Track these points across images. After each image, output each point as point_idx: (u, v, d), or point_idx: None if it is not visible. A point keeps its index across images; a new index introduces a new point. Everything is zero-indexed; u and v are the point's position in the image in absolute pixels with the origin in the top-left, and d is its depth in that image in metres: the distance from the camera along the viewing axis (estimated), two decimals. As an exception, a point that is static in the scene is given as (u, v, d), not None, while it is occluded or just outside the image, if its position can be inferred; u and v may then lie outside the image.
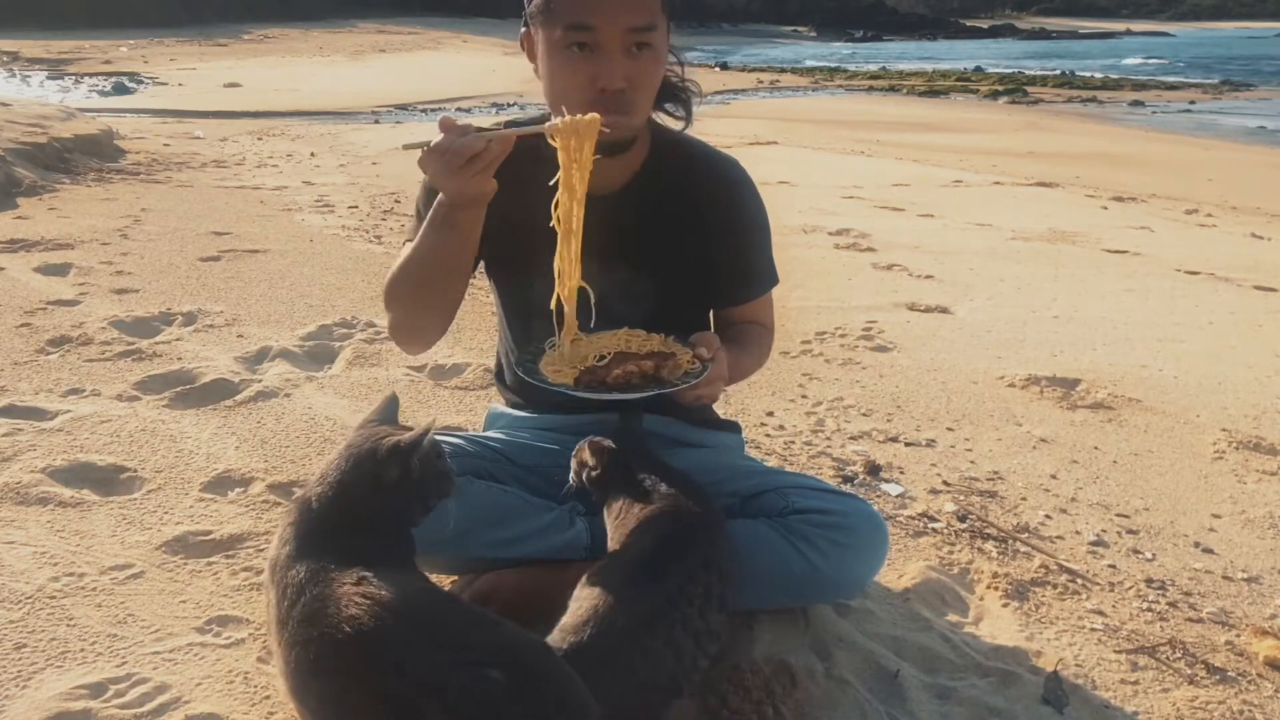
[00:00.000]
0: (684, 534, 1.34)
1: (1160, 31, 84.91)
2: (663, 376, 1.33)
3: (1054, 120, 14.45)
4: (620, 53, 1.34)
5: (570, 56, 1.35)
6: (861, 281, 4.21)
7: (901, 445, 2.47)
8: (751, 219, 1.59)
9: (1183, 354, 3.33)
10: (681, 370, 1.35)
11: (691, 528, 1.35)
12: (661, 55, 1.40)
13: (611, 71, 1.34)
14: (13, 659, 1.42)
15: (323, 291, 3.61)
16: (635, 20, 1.34)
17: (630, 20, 1.33)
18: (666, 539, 1.32)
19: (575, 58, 1.35)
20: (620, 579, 1.28)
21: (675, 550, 1.31)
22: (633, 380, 1.33)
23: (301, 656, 1.07)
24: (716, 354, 1.37)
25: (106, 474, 2.05)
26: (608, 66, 1.34)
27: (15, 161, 5.58)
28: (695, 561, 1.30)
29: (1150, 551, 1.99)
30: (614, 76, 1.34)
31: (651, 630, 1.22)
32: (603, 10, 1.32)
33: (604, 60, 1.34)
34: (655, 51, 1.38)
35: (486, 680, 0.99)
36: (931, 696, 1.45)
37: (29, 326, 3.02)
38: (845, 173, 7.75)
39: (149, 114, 11.05)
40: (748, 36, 58.28)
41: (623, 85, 1.35)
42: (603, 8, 1.32)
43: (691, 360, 1.37)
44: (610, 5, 1.32)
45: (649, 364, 1.34)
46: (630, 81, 1.36)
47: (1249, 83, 23.34)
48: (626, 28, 1.33)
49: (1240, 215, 6.47)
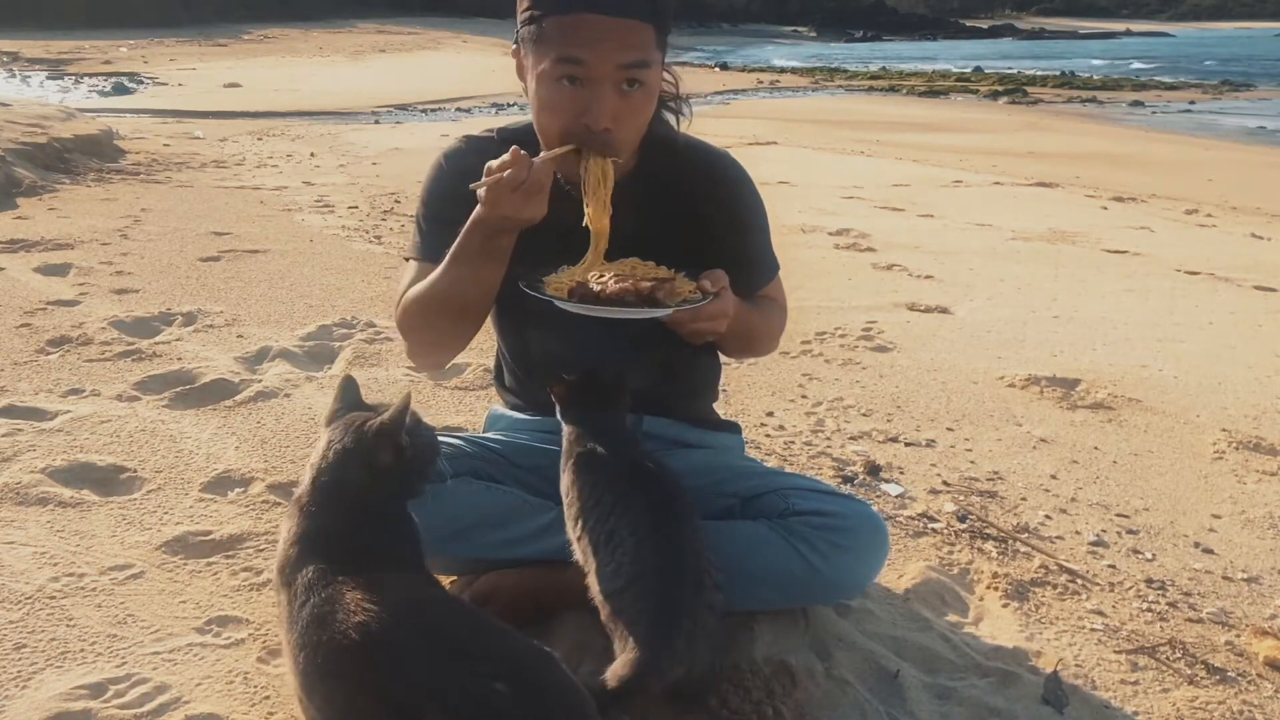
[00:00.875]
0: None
1: (1160, 31, 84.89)
2: (659, 299, 1.30)
3: (1054, 120, 14.45)
4: (611, 89, 1.31)
5: (560, 88, 1.32)
6: (861, 281, 4.22)
7: (901, 445, 2.47)
8: (751, 215, 1.59)
9: (1183, 354, 3.33)
10: (679, 298, 1.32)
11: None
12: (653, 92, 1.37)
13: (600, 109, 1.31)
14: (13, 659, 1.42)
15: (323, 291, 3.61)
16: (628, 57, 1.30)
17: (623, 57, 1.30)
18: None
19: (565, 90, 1.32)
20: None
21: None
22: (626, 299, 1.29)
23: (310, 659, 1.09)
24: (723, 290, 1.35)
25: (106, 474, 2.05)
26: (597, 104, 1.31)
27: (15, 161, 5.58)
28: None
29: (1150, 551, 1.99)
30: (601, 115, 1.32)
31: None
32: (595, 45, 1.29)
33: (593, 96, 1.31)
34: (647, 89, 1.35)
35: (491, 691, 1.00)
36: (931, 696, 1.45)
37: (29, 326, 3.02)
38: (845, 173, 7.76)
39: (149, 114, 11.05)
40: (748, 36, 58.27)
41: (609, 125, 1.33)
42: (595, 42, 1.29)
43: (693, 290, 1.34)
44: (603, 40, 1.28)
45: (647, 285, 1.30)
46: (618, 121, 1.33)
47: (1249, 83, 23.34)
48: (618, 64, 1.30)
49: (1240, 215, 6.47)
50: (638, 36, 1.31)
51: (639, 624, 1.24)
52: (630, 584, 1.27)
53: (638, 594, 1.26)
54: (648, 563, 1.27)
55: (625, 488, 1.35)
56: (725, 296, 1.35)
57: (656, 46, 1.35)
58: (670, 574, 1.27)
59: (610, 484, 1.36)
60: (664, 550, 1.28)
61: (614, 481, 1.36)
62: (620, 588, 1.27)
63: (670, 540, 1.30)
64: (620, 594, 1.27)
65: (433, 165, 1.56)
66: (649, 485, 1.36)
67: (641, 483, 1.36)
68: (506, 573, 1.53)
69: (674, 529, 1.31)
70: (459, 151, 1.55)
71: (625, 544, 1.29)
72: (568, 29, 1.29)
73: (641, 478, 1.37)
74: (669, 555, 1.28)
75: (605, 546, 1.31)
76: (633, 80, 1.32)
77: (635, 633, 1.23)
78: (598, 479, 1.37)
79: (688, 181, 1.52)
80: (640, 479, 1.37)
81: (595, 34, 1.29)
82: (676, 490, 1.38)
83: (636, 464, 1.40)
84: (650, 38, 1.33)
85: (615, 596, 1.27)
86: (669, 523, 1.32)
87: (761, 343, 1.65)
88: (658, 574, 1.26)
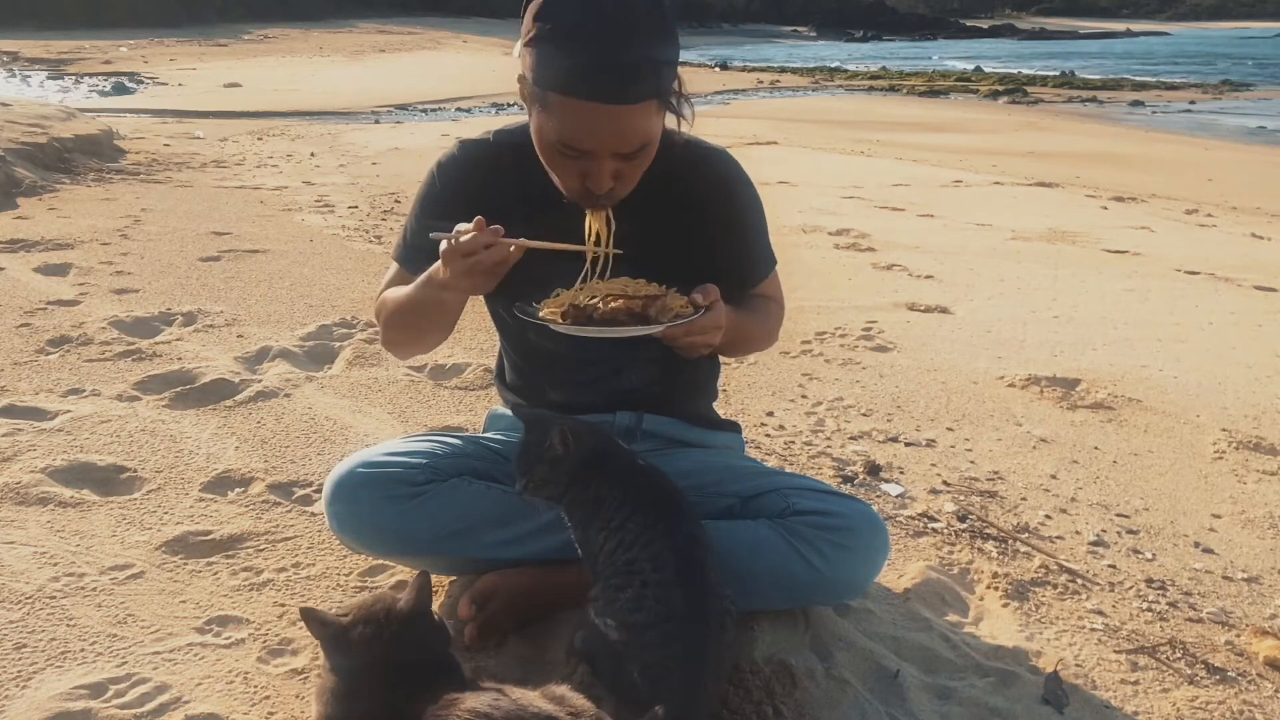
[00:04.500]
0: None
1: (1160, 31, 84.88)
2: (651, 315, 1.31)
3: (1054, 120, 14.44)
4: (612, 160, 1.31)
5: (559, 155, 1.32)
6: (861, 281, 4.22)
7: (901, 445, 2.47)
8: (748, 211, 1.59)
9: (1183, 354, 3.33)
10: (672, 313, 1.33)
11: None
12: (655, 145, 1.36)
13: (600, 177, 1.32)
14: (13, 659, 1.42)
15: (323, 291, 3.61)
16: (629, 146, 1.30)
17: (623, 147, 1.30)
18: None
19: (565, 159, 1.32)
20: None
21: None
22: (619, 317, 1.30)
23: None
24: (714, 303, 1.36)
25: (106, 474, 2.05)
26: (597, 175, 1.31)
27: (15, 161, 5.58)
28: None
29: (1150, 551, 1.99)
30: (602, 181, 1.32)
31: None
32: (596, 135, 1.28)
33: (595, 168, 1.31)
34: (647, 151, 1.34)
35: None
36: (931, 696, 1.45)
37: (29, 326, 3.02)
38: (845, 173, 7.75)
39: (149, 114, 11.04)
40: (748, 36, 58.25)
41: (611, 186, 1.34)
42: (596, 132, 1.27)
43: (685, 305, 1.35)
44: (605, 129, 1.27)
45: (638, 303, 1.32)
46: (619, 179, 1.34)
47: (1249, 83, 23.33)
48: (618, 152, 1.30)
49: (1240, 215, 6.47)
50: (641, 118, 1.28)
51: (667, 672, 1.23)
52: (655, 624, 1.25)
53: (664, 637, 1.25)
54: (675, 607, 1.25)
55: (643, 510, 1.33)
56: (717, 309, 1.36)
57: (659, 110, 1.33)
58: (697, 620, 1.26)
59: (631, 508, 1.34)
60: (692, 595, 1.27)
61: (634, 506, 1.34)
62: (643, 622, 1.26)
63: (696, 582, 1.28)
64: (643, 629, 1.26)
65: (427, 173, 1.56)
66: (671, 514, 1.34)
67: (663, 510, 1.35)
68: (507, 573, 1.53)
69: (700, 570, 1.30)
70: (452, 162, 1.54)
71: (649, 579, 1.27)
72: (572, 113, 1.27)
73: (663, 504, 1.36)
74: (695, 600, 1.27)
75: (625, 572, 1.29)
76: (633, 156, 1.32)
77: (662, 682, 1.22)
78: (620, 497, 1.35)
79: (685, 179, 1.52)
80: (661, 505, 1.35)
81: (597, 125, 1.27)
82: (697, 522, 1.37)
83: (658, 487, 1.38)
84: (653, 110, 1.31)
85: (637, 630, 1.26)
86: (693, 559, 1.30)
87: (757, 343, 1.66)
88: (684, 622, 1.25)
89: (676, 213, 1.51)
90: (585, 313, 1.32)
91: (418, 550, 1.52)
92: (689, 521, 1.35)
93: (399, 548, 1.52)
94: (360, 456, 1.52)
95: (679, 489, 1.40)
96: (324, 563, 1.75)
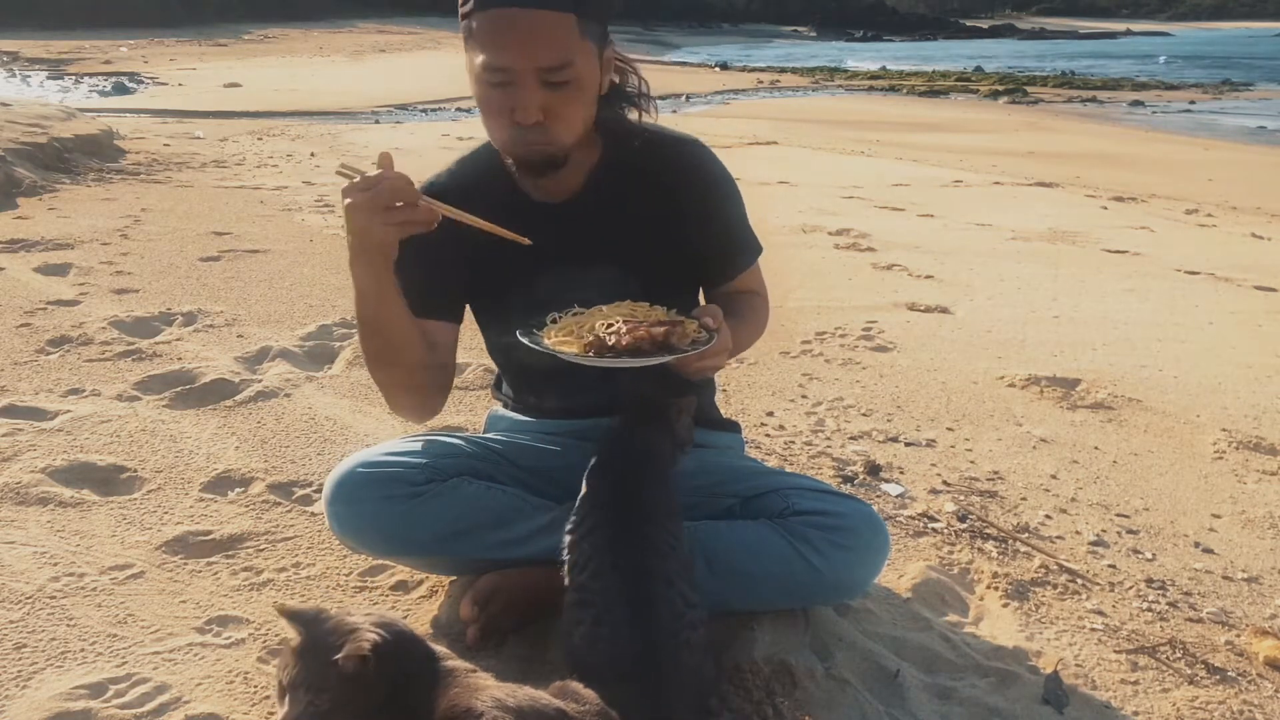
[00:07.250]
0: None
1: (1160, 31, 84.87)
2: (672, 343, 1.32)
3: (1054, 120, 14.44)
4: (535, 85, 1.33)
5: (489, 91, 1.35)
6: (861, 281, 4.21)
7: (901, 445, 2.47)
8: (725, 198, 1.58)
9: (1183, 354, 3.33)
10: (690, 339, 1.34)
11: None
12: (585, 84, 1.37)
13: (527, 106, 1.33)
14: (13, 659, 1.42)
15: (323, 291, 3.61)
16: (546, 60, 1.31)
17: (541, 59, 1.31)
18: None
19: (494, 93, 1.35)
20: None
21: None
22: (643, 347, 1.31)
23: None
24: (721, 325, 1.37)
25: (106, 474, 2.05)
26: (523, 101, 1.33)
27: (15, 161, 5.58)
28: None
29: (1150, 551, 1.99)
30: (529, 111, 1.33)
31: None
32: (513, 48, 1.31)
33: (520, 94, 1.33)
34: (575, 84, 1.35)
35: None
36: (931, 696, 1.45)
37: (29, 326, 3.02)
38: (845, 173, 7.75)
39: (149, 114, 11.04)
40: (748, 36, 58.26)
41: (538, 118, 1.34)
42: (511, 51, 1.30)
43: (698, 330, 1.36)
44: (519, 49, 1.30)
45: (660, 331, 1.32)
46: (547, 113, 1.35)
47: (1249, 83, 23.33)
48: (537, 67, 1.32)
49: (1240, 215, 6.47)
50: (558, 31, 1.31)
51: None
52: (607, 664, 1.22)
53: (618, 677, 1.21)
54: (622, 644, 1.23)
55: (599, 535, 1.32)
56: (725, 332, 1.36)
57: (583, 35, 1.34)
58: (641, 648, 1.23)
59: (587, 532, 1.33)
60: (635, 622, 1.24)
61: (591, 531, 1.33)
62: (595, 663, 1.23)
63: (637, 606, 1.25)
64: (596, 669, 1.22)
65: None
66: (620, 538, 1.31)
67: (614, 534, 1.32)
68: (507, 573, 1.53)
69: (638, 580, 1.27)
70: (438, 183, 1.55)
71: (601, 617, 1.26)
72: (489, 28, 1.31)
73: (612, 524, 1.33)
74: (637, 624, 1.24)
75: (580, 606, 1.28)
76: (556, 82, 1.33)
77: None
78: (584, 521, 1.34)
79: (654, 170, 1.52)
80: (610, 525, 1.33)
81: (514, 35, 1.30)
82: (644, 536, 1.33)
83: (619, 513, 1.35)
84: (572, 28, 1.32)
85: (588, 670, 1.21)
86: (632, 573, 1.28)
87: (748, 346, 1.67)
88: (633, 661, 1.22)
89: (648, 199, 1.51)
90: (602, 341, 1.32)
91: (418, 550, 1.52)
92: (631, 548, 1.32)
93: (399, 548, 1.52)
94: (360, 456, 1.52)
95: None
96: (324, 563, 1.75)
